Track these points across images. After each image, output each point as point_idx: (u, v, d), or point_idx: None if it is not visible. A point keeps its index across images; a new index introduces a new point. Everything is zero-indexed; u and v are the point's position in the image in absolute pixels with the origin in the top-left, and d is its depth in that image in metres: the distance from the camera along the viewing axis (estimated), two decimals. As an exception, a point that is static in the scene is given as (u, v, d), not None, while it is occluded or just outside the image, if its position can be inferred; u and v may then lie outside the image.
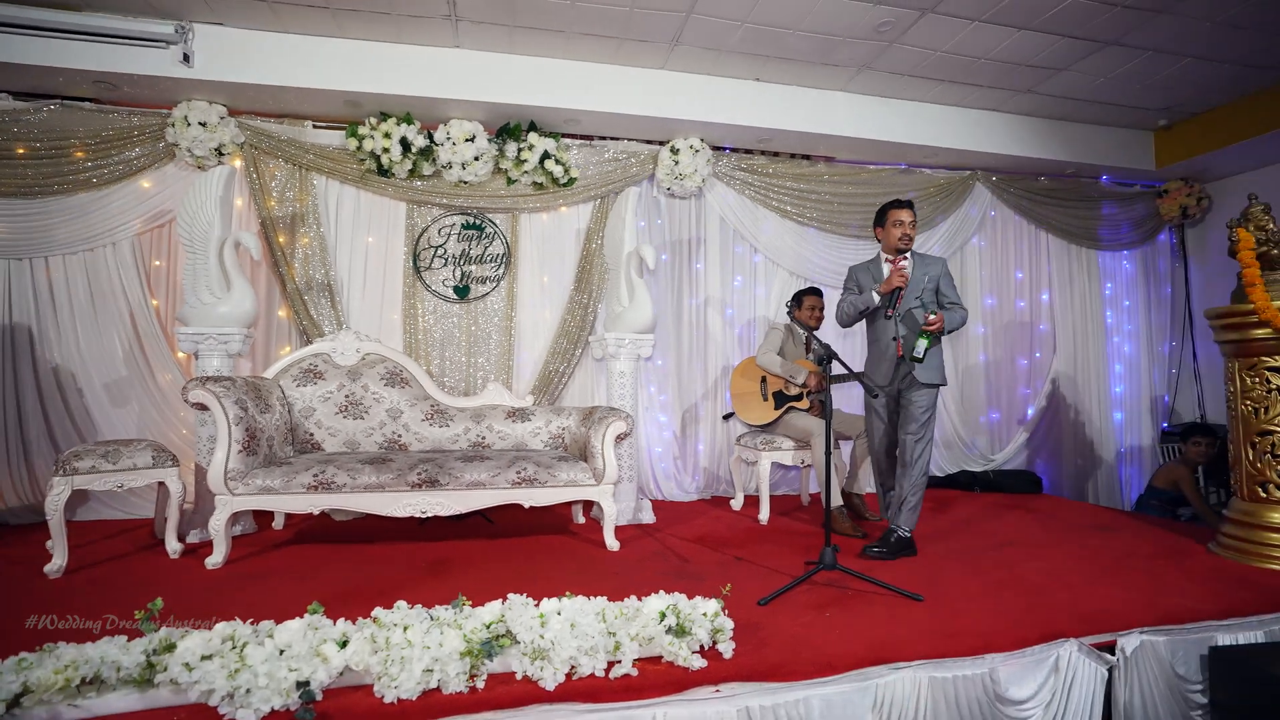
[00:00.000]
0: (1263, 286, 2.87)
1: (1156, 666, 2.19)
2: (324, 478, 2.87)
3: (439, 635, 1.69)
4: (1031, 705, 2.06)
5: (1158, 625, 2.23)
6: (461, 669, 1.68)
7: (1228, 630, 2.29)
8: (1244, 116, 4.59)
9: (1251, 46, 3.91)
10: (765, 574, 2.71)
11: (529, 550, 3.08)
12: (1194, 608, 2.32)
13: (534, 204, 4.32)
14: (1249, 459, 2.93)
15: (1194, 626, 2.27)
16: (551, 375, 4.29)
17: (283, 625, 1.72)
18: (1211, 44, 3.88)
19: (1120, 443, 5.44)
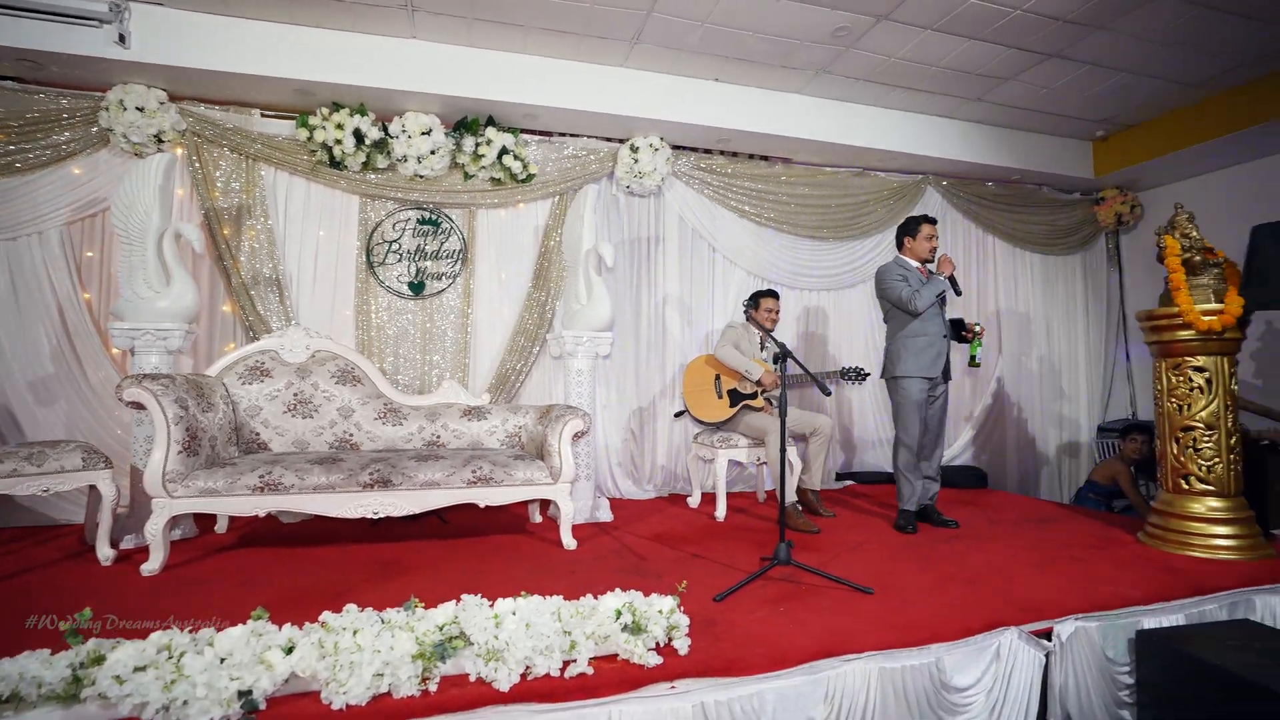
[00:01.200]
0: (1187, 290, 3.04)
1: (1089, 651, 2.30)
2: (271, 479, 2.78)
3: (390, 638, 1.66)
4: (974, 692, 2.14)
5: (1090, 612, 2.34)
6: (413, 672, 1.65)
7: (1153, 614, 2.42)
8: (1174, 130, 4.85)
9: (1180, 65, 4.13)
10: (721, 570, 2.73)
11: (484, 550, 3.05)
12: (1123, 594, 2.44)
13: (492, 200, 4.27)
14: (1173, 453, 3.10)
15: (1123, 612, 2.38)
16: (508, 373, 4.25)
17: (224, 632, 1.66)
18: (1144, 61, 4.08)
19: (1060, 439, 5.68)
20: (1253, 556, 2.87)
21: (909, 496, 3.58)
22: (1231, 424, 3.01)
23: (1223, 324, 2.95)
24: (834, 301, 5.15)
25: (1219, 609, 2.55)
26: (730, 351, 3.87)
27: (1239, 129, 4.45)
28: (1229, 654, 2.10)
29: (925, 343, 3.51)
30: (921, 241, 3.61)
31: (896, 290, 3.55)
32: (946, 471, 4.94)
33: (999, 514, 3.91)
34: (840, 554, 3.02)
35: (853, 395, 5.15)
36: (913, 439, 3.55)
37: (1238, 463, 3.02)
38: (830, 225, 5.01)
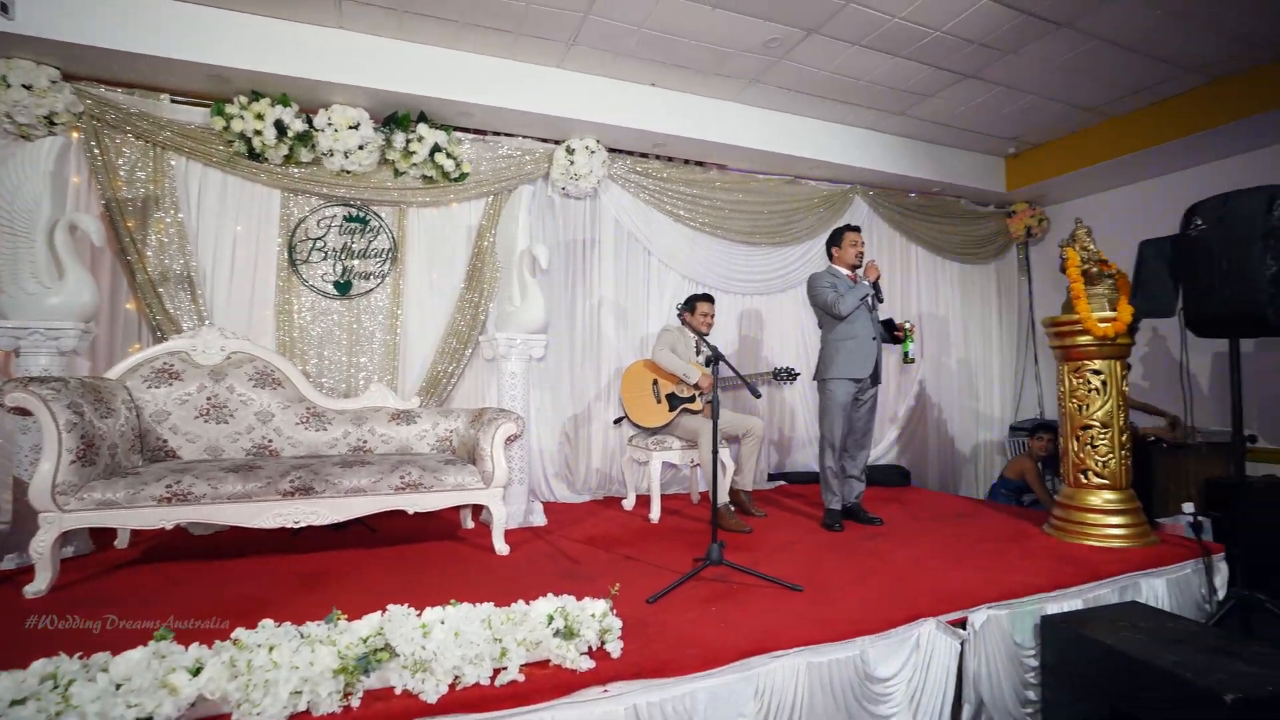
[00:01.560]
0: (1085, 299, 3.28)
1: (999, 637, 2.44)
2: (180, 488, 2.61)
3: (310, 654, 1.59)
4: (896, 681, 2.24)
5: (1001, 601, 2.49)
6: (334, 688, 1.59)
7: (1055, 600, 2.60)
8: (1075, 150, 5.22)
9: (1079, 91, 4.45)
10: (655, 572, 2.75)
11: (414, 558, 2.97)
12: (1030, 583, 2.61)
13: (423, 198, 4.16)
14: (1074, 450, 3.34)
15: (1029, 599, 2.54)
16: (440, 376, 4.15)
17: (121, 656, 1.54)
18: (1048, 85, 4.38)
19: (976, 437, 6.01)
20: (1140, 544, 3.12)
21: (834, 495, 3.71)
22: (1123, 422, 3.27)
23: (1115, 330, 3.20)
24: (768, 306, 5.27)
25: (1111, 593, 2.76)
26: (668, 355, 3.90)
27: (1130, 152, 4.84)
28: (1119, 634, 2.28)
29: (855, 346, 3.64)
30: (847, 249, 3.76)
31: (824, 296, 3.68)
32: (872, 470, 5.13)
33: (920, 510, 4.10)
34: (771, 553, 3.09)
35: (785, 397, 5.29)
36: (835, 439, 3.67)
37: (1128, 458, 3.28)
38: (763, 231, 5.13)
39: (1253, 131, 4.37)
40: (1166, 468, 4.42)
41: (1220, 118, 4.31)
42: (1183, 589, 2.97)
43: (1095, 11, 3.57)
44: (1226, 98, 4.27)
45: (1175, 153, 4.77)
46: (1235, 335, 2.84)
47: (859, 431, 3.76)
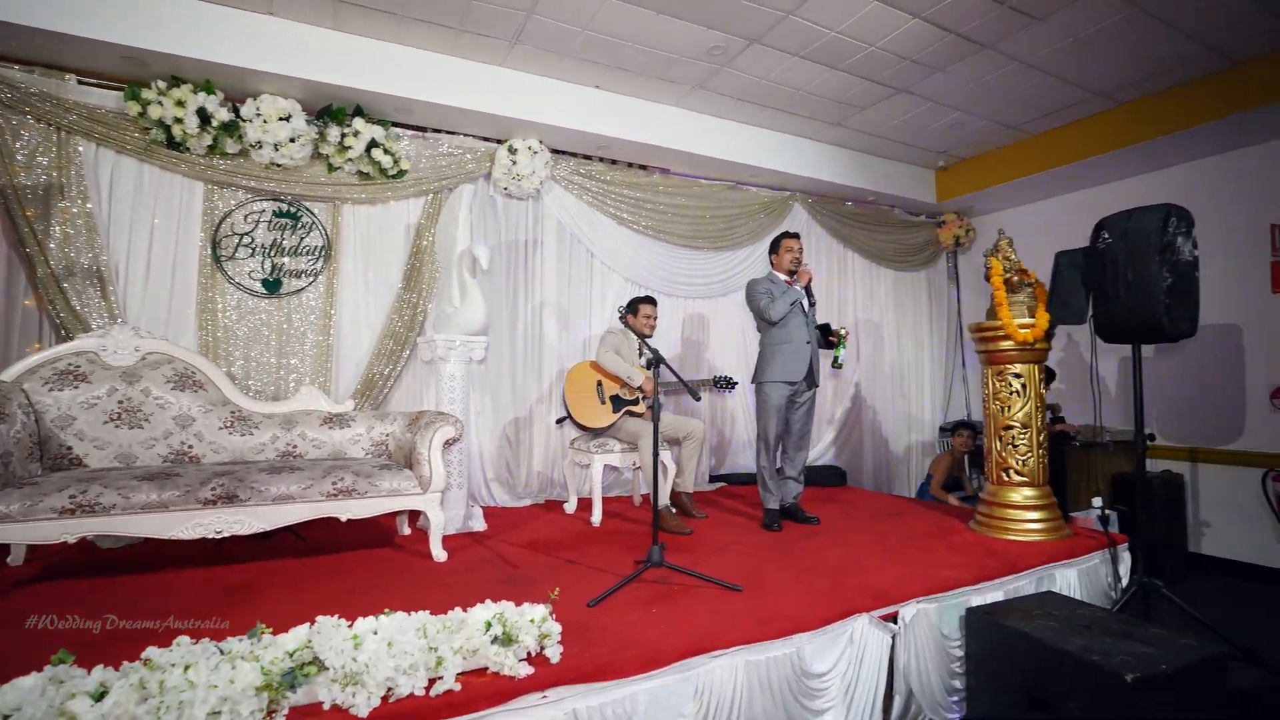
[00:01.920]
0: (1007, 307, 3.46)
1: (927, 630, 2.54)
2: (85, 499, 2.44)
3: (230, 671, 1.51)
4: (831, 676, 2.30)
5: (929, 595, 2.59)
6: (257, 706, 1.52)
7: (979, 593, 2.73)
8: (999, 165, 5.51)
9: (1001, 109, 4.70)
10: (596, 575, 2.75)
11: (346, 567, 2.87)
12: (956, 577, 2.73)
13: (359, 195, 4.04)
14: (997, 449, 3.52)
15: (955, 593, 2.66)
16: (375, 378, 4.03)
17: (10, 685, 1.42)
18: (973, 103, 4.61)
19: (908, 438, 6.25)
20: (1056, 537, 3.31)
21: (771, 496, 3.79)
22: (1041, 423, 3.46)
23: (1034, 336, 3.38)
24: (710, 310, 5.35)
25: (1029, 584, 2.92)
26: (612, 357, 3.91)
27: (1046, 169, 5.14)
28: (1035, 622, 2.41)
29: (790, 350, 3.72)
30: (784, 255, 3.85)
31: (759, 302, 3.77)
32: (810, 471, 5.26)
33: (855, 509, 4.23)
34: (711, 554, 3.13)
35: (726, 400, 5.37)
36: (771, 440, 3.75)
37: (1046, 457, 3.47)
38: (705, 235, 5.20)
39: (1154, 153, 4.72)
40: (1079, 465, 4.71)
41: (1125, 139, 4.63)
42: (1092, 578, 3.17)
43: (1013, 36, 3.78)
44: (1130, 121, 4.60)
45: (1087, 170, 5.09)
46: (1137, 341, 3.05)
47: (796, 433, 3.85)
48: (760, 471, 3.82)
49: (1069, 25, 3.68)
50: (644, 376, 3.92)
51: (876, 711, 2.37)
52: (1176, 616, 3.02)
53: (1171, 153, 4.72)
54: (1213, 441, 4.70)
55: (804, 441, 3.91)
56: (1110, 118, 4.71)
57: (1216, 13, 3.54)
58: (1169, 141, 4.52)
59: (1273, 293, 4.46)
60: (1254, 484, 4.45)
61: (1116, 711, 2.02)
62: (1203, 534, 4.72)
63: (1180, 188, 4.87)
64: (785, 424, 3.80)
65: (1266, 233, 4.50)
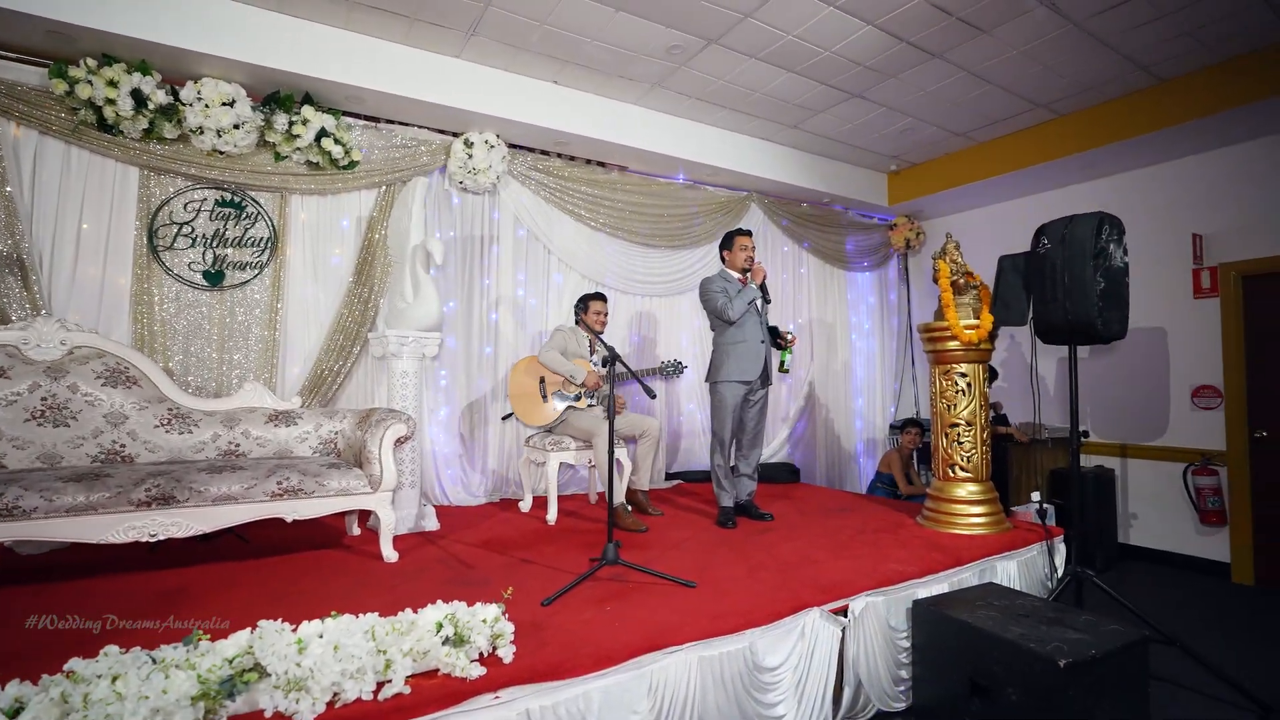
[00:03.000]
0: (954, 308, 3.58)
1: (876, 622, 2.61)
2: (3, 502, 2.31)
3: (163, 680, 1.45)
4: (783, 670, 2.34)
5: (877, 588, 2.66)
6: (193, 716, 1.46)
7: (925, 585, 2.82)
8: (947, 171, 5.68)
9: (950, 116, 4.85)
10: (550, 574, 2.74)
11: (292, 570, 2.79)
12: (902, 570, 2.81)
13: (308, 185, 3.92)
14: (943, 446, 3.63)
15: (902, 586, 2.74)
16: (324, 374, 3.92)
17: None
18: (923, 109, 4.74)
19: (860, 435, 6.41)
20: (998, 530, 3.44)
21: (726, 493, 3.83)
22: (985, 421, 3.59)
23: (979, 337, 3.51)
24: (665, 307, 5.37)
25: (973, 575, 3.03)
26: (554, 356, 3.90)
27: (991, 175, 5.33)
28: (977, 612, 2.50)
29: (745, 349, 3.76)
30: (738, 253, 3.87)
31: (714, 300, 3.78)
32: (765, 468, 5.34)
33: (808, 505, 4.31)
34: (666, 551, 3.15)
35: (681, 398, 5.41)
36: (725, 438, 3.80)
37: (989, 453, 3.60)
38: (662, 234, 5.22)
39: (1091, 162, 4.94)
40: (1020, 461, 4.91)
41: (1065, 149, 4.84)
42: (1030, 569, 3.31)
43: (961, 46, 3.91)
44: (1070, 132, 4.81)
45: (1030, 178, 5.30)
46: (1074, 343, 3.19)
47: (750, 431, 3.90)
48: (715, 469, 3.86)
49: (1012, 38, 3.82)
50: (586, 371, 3.91)
51: (827, 703, 2.43)
52: (1106, 604, 3.18)
53: (1107, 163, 4.95)
54: (1141, 438, 4.96)
55: (758, 439, 3.96)
56: (1051, 128, 4.91)
57: (1144, 32, 3.74)
58: (1104, 152, 4.74)
59: (1194, 298, 4.74)
60: (1176, 478, 4.73)
61: (1050, 695, 2.12)
62: (1131, 525, 4.98)
63: (1115, 196, 5.13)
64: (740, 422, 3.85)
65: (1189, 242, 4.77)
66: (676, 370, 4.39)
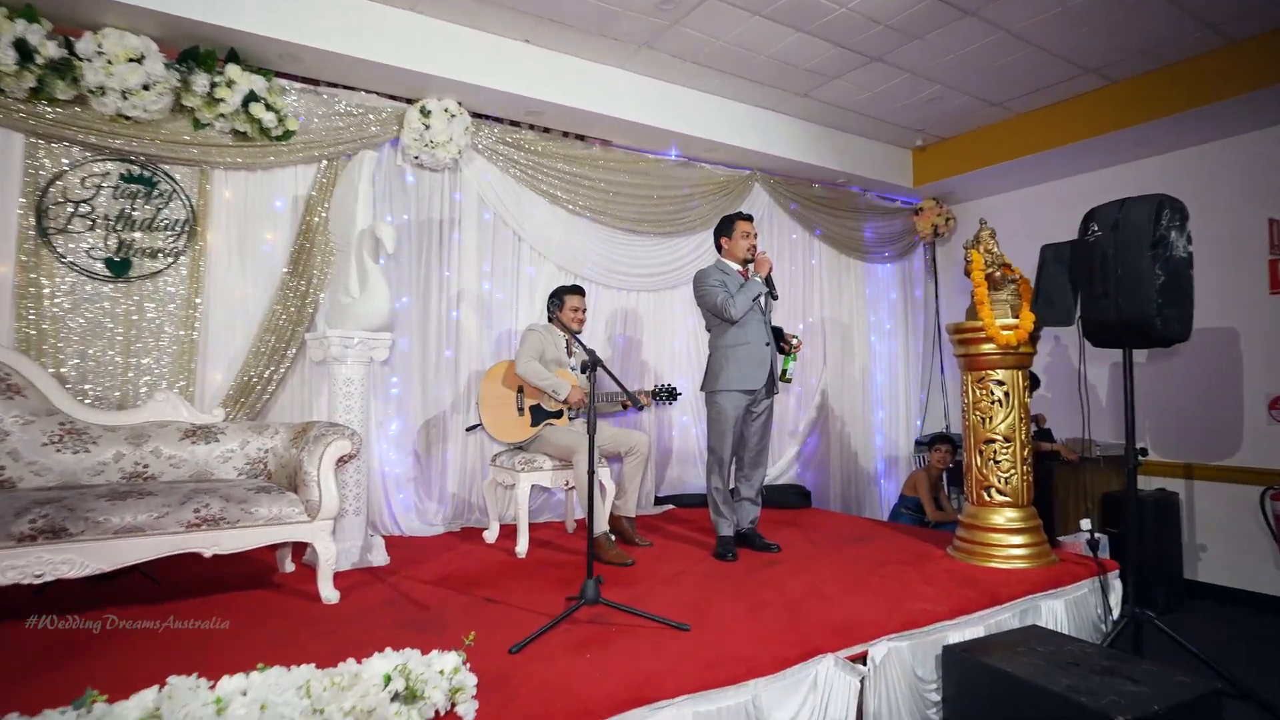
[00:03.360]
0: (989, 305, 3.60)
1: (900, 671, 2.61)
2: None
3: (51, 746, 1.41)
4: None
5: (901, 631, 2.66)
6: (88, 787, 1.42)
7: (957, 629, 2.82)
8: (980, 146, 5.74)
9: (984, 83, 4.90)
10: (521, 616, 2.73)
11: (213, 613, 2.75)
12: (931, 610, 2.82)
13: (233, 158, 3.88)
14: (977, 465, 3.65)
15: (930, 628, 2.74)
16: (253, 382, 3.88)
17: None
18: (953, 75, 4.79)
19: (880, 453, 6.43)
20: (1041, 564, 3.46)
21: (725, 521, 3.83)
22: (1025, 436, 3.61)
23: (1017, 339, 3.53)
24: (654, 304, 5.39)
25: (1012, 617, 3.04)
26: (534, 367, 3.89)
27: (1031, 152, 5.37)
28: (1018, 660, 2.51)
29: (747, 352, 3.76)
30: (739, 240, 3.87)
31: (713, 296, 3.77)
32: (770, 491, 5.35)
33: (820, 534, 4.32)
34: (656, 587, 3.15)
35: (675, 410, 5.40)
36: (724, 457, 3.80)
37: (1030, 474, 3.63)
38: (651, 219, 5.23)
39: (1147, 138, 4.99)
40: (1066, 483, 4.94)
41: (1117, 122, 4.88)
42: (1080, 609, 3.33)
43: (998, 1, 3.94)
44: (1123, 102, 4.85)
45: (1077, 155, 5.35)
46: (1128, 345, 3.22)
47: (753, 449, 3.90)
48: (712, 493, 3.85)
49: (1056, -7, 3.87)
50: (570, 386, 3.89)
51: (843, 766, 2.42)
52: (1170, 651, 3.18)
53: (1167, 137, 4.98)
54: (1209, 456, 4.99)
55: (761, 457, 3.96)
56: (1102, 97, 4.96)
57: (1210, -14, 3.79)
58: (1164, 125, 4.75)
59: (1271, 294, 4.75)
60: (1252, 503, 4.69)
61: (1104, 756, 2.12)
62: (1198, 558, 4.99)
63: (1176, 176, 5.13)
64: (741, 438, 3.85)
65: (1265, 228, 4.79)
66: (669, 396, 4.31)
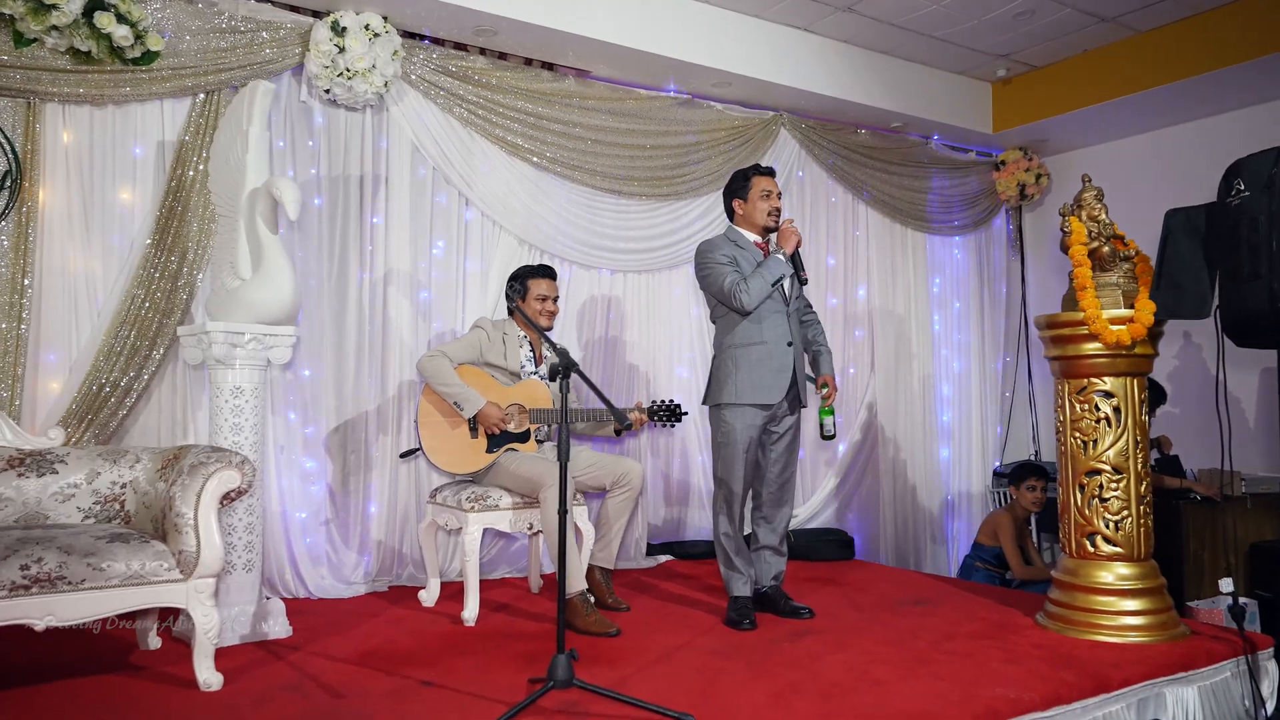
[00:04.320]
0: (1093, 291, 3.57)
1: (976, 781, 2.60)
2: None
3: None
4: None
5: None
6: None
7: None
8: (1087, 76, 5.75)
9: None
10: (469, 703, 2.72)
11: (43, 708, 2.75)
12: (1016, 699, 2.78)
13: (73, 87, 3.86)
14: (1077, 505, 3.63)
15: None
16: (104, 393, 3.87)
17: None
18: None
19: (947, 488, 6.44)
20: (1165, 637, 3.43)
21: (739, 577, 3.82)
22: (1142, 466, 3.58)
23: (1132, 335, 3.50)
24: (647, 289, 5.41)
25: (1126, 709, 3.02)
26: (440, 365, 3.87)
27: (1159, 84, 5.35)
28: (1135, 768, 2.49)
29: (762, 355, 3.72)
30: (757, 203, 3.82)
31: (719, 277, 3.71)
32: (801, 538, 5.36)
33: (865, 596, 4.32)
34: (648, 665, 3.14)
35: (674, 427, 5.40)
36: (737, 491, 3.77)
37: (1149, 516, 3.60)
38: (643, 176, 5.23)
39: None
40: (1201, 530, 4.92)
41: (1274, 41, 4.82)
42: (1221, 699, 3.30)
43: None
44: (1279, 16, 4.80)
45: (1216, 86, 5.34)
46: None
47: (775, 481, 3.88)
48: (720, 541, 3.84)
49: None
50: (485, 401, 3.86)
51: None
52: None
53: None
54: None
55: (786, 493, 3.94)
56: (1257, 6, 4.91)
57: None
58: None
59: None
60: None
61: None
62: (1381, 631, 5.00)
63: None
64: (758, 467, 3.83)
65: None
66: (671, 417, 4.26)
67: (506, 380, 4.07)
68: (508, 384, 4.06)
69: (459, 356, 3.97)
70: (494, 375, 4.04)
